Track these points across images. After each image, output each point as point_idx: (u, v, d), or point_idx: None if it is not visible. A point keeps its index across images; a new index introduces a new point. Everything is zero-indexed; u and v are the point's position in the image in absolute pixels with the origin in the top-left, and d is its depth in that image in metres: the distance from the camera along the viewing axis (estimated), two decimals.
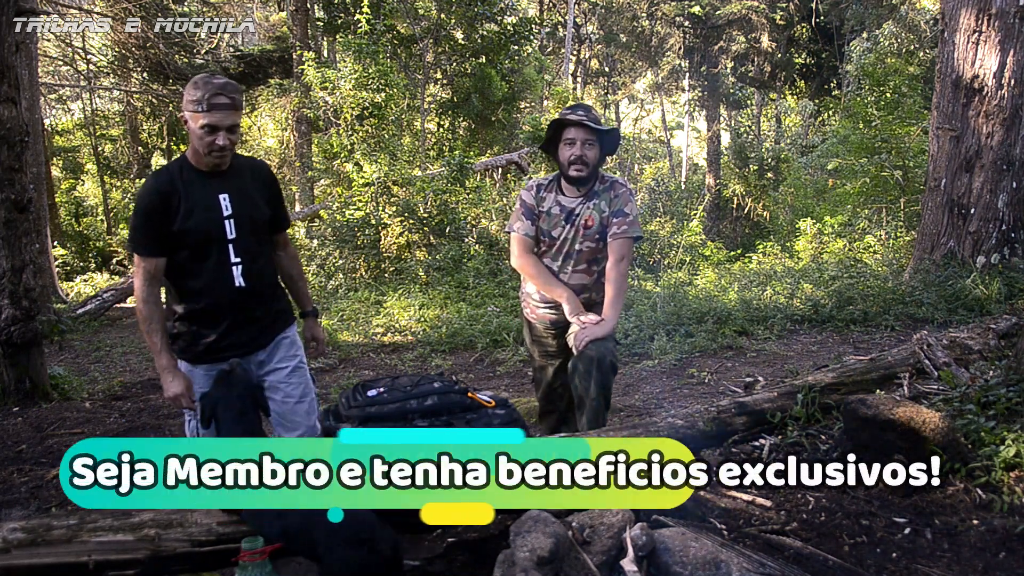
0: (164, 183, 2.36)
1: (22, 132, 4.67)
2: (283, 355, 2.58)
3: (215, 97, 2.26)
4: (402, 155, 11.37)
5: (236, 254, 2.41)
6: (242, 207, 2.42)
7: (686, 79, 26.28)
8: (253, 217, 2.45)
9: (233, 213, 2.40)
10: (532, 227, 2.98)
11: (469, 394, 2.31)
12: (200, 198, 2.37)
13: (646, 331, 5.97)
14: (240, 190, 2.43)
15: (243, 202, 2.43)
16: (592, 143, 2.88)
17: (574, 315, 2.87)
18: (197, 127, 2.28)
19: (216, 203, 2.38)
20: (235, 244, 2.40)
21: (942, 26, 6.52)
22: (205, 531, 1.95)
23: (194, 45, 16.54)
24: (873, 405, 2.46)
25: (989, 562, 2.03)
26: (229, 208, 2.39)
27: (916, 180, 8.69)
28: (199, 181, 2.38)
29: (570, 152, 2.87)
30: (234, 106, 2.30)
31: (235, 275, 2.41)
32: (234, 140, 2.35)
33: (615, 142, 3.02)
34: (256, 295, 2.47)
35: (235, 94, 2.32)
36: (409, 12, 14.99)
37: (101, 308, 10.25)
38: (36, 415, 4.59)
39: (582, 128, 2.86)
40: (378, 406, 2.22)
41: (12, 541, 1.87)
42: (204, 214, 2.36)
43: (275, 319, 2.57)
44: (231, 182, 2.42)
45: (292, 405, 2.55)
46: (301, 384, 2.59)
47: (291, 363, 2.58)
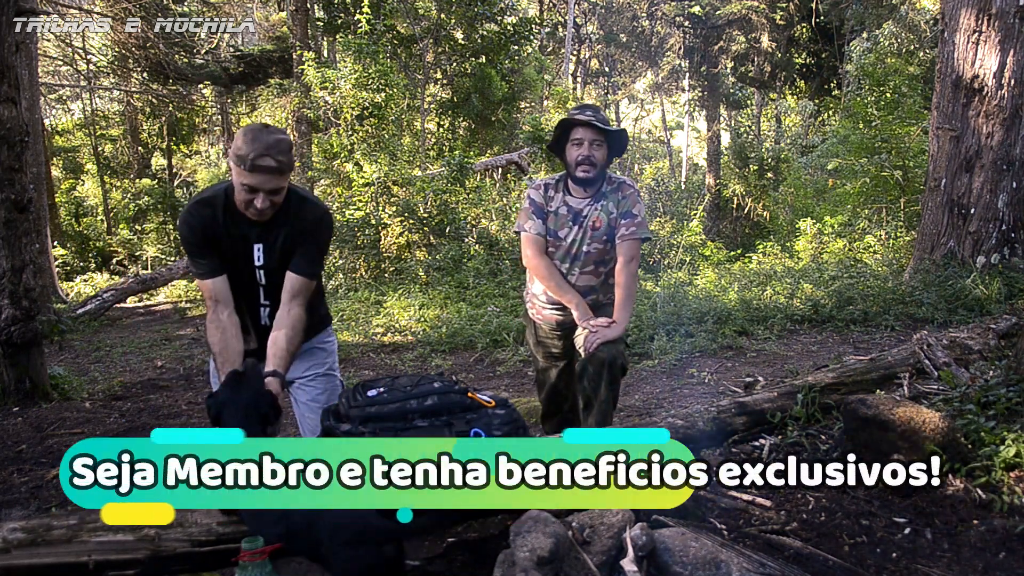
0: (206, 219, 2.29)
1: (22, 132, 4.67)
2: (313, 362, 2.58)
3: (260, 159, 2.13)
4: (402, 155, 11.38)
5: (265, 297, 2.42)
6: (275, 260, 2.36)
7: (686, 79, 26.29)
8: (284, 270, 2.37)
9: (264, 264, 2.36)
10: (543, 226, 2.95)
11: (469, 394, 2.31)
12: (235, 244, 2.32)
13: (646, 331, 5.97)
14: (277, 243, 2.34)
15: (277, 256, 2.35)
16: (600, 144, 2.86)
17: (584, 320, 2.86)
18: (238, 182, 2.18)
19: (249, 251, 2.34)
20: (265, 289, 2.40)
21: (942, 26, 6.52)
22: (205, 531, 1.95)
23: (194, 45, 16.55)
24: (873, 405, 2.46)
25: (989, 562, 2.03)
26: (261, 259, 2.35)
27: (916, 180, 8.69)
28: (238, 225, 2.30)
29: (577, 153, 2.85)
30: (280, 170, 2.17)
31: (262, 315, 2.44)
32: (277, 202, 2.23)
33: (623, 143, 2.99)
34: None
35: (284, 156, 2.17)
36: (409, 12, 14.99)
37: (101, 308, 10.26)
38: (36, 415, 4.59)
39: (590, 128, 2.84)
40: (378, 406, 2.22)
41: (12, 541, 1.87)
42: (236, 260, 2.34)
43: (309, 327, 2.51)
44: (270, 233, 2.33)
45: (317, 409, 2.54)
46: (327, 390, 2.59)
47: (319, 369, 2.59)
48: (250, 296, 2.41)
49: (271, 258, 2.36)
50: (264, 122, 2.27)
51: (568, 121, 2.90)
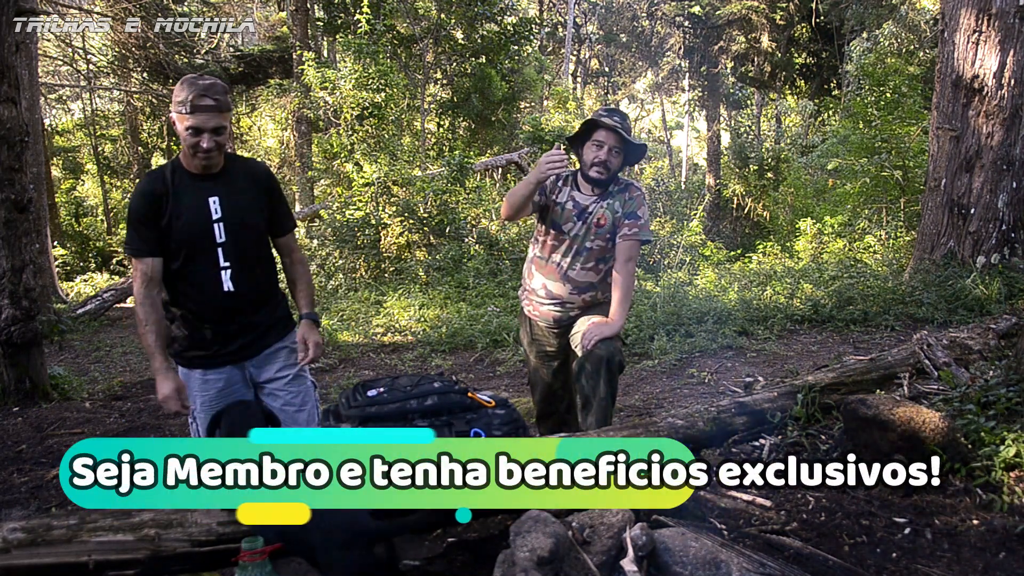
0: (155, 184, 2.33)
1: (22, 132, 4.67)
2: (283, 363, 2.55)
3: (199, 99, 2.22)
4: (402, 155, 11.38)
5: (225, 258, 2.36)
6: (233, 211, 2.36)
7: (686, 79, 26.29)
8: (245, 221, 2.39)
9: (223, 216, 2.35)
10: (541, 196, 2.96)
11: (469, 394, 2.32)
12: (189, 201, 2.33)
13: (646, 331, 5.97)
14: (232, 193, 2.38)
15: (234, 205, 2.37)
16: (619, 151, 2.89)
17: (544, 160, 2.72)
18: (182, 128, 2.26)
19: (205, 206, 2.34)
20: (224, 248, 2.35)
21: (942, 26, 6.52)
22: (205, 531, 1.95)
23: (194, 45, 16.55)
24: (873, 405, 2.46)
25: (989, 562, 2.03)
26: (219, 211, 2.34)
27: (916, 180, 8.69)
28: (190, 183, 2.34)
29: (595, 154, 2.88)
30: (219, 108, 2.25)
31: (223, 279, 2.37)
32: (220, 142, 2.30)
33: (640, 156, 3.04)
34: (247, 300, 2.42)
35: (220, 95, 2.26)
36: (409, 12, 14.99)
37: (101, 308, 10.26)
38: (36, 415, 4.59)
39: (614, 134, 2.86)
40: (378, 406, 2.22)
41: (12, 541, 1.87)
42: (192, 217, 2.32)
43: (272, 326, 2.53)
44: (222, 185, 2.37)
45: (292, 413, 2.53)
46: (301, 392, 2.57)
47: (291, 371, 2.55)
48: (209, 262, 2.36)
49: (230, 208, 2.36)
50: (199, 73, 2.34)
51: (595, 122, 2.91)
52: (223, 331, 2.42)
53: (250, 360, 2.49)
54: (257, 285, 2.46)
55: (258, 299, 2.47)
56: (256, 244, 2.47)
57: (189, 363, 2.45)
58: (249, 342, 2.47)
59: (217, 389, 2.46)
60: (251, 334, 2.47)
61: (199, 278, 2.37)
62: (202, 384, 2.44)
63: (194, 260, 2.36)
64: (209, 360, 2.44)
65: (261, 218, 2.46)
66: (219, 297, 2.38)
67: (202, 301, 2.39)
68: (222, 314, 2.40)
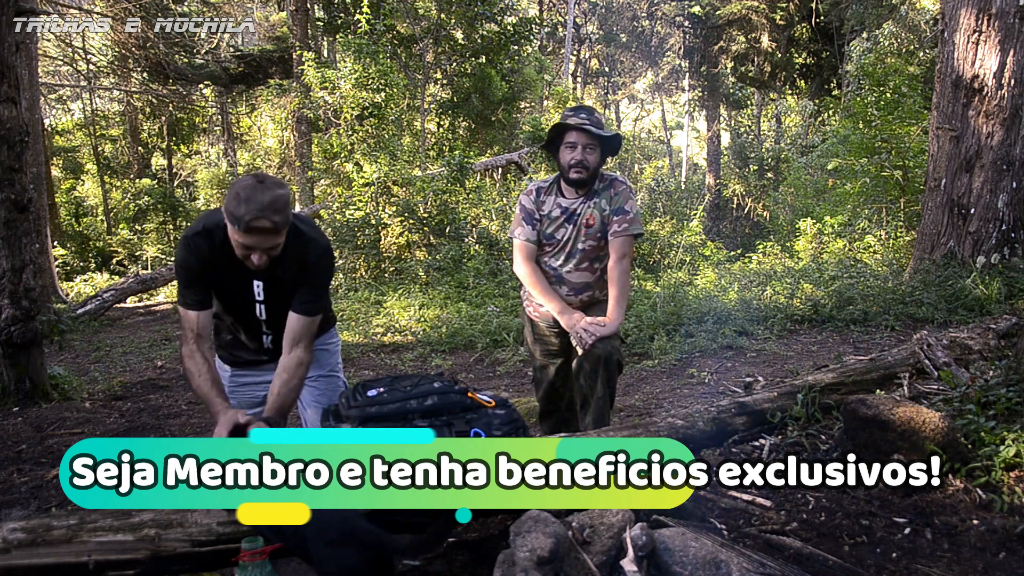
0: (204, 249, 2.23)
1: (22, 132, 4.67)
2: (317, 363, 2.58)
3: (256, 220, 2.04)
4: (402, 155, 11.38)
5: (267, 328, 2.44)
6: (276, 296, 2.34)
7: (686, 79, 26.30)
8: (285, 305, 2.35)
9: (265, 300, 2.35)
10: (533, 232, 2.98)
11: (469, 394, 2.31)
12: (233, 279, 2.29)
13: (646, 331, 5.97)
14: (276, 279, 2.31)
15: (278, 291, 2.33)
16: (593, 147, 2.88)
17: (570, 324, 2.89)
18: (234, 239, 2.13)
19: (248, 287, 2.33)
20: (266, 323, 2.42)
21: (942, 26, 6.52)
22: (205, 531, 1.95)
23: (194, 45, 16.56)
24: (873, 405, 2.46)
25: (989, 562, 2.03)
26: (261, 295, 2.34)
27: (916, 180, 8.68)
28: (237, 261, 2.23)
29: (571, 156, 2.88)
30: (275, 230, 2.09)
31: (264, 341, 2.47)
32: (274, 255, 2.18)
33: (616, 146, 3.02)
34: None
35: (279, 216, 2.07)
36: (409, 12, 14.99)
37: (101, 308, 10.26)
38: (36, 415, 4.59)
39: (583, 132, 2.85)
40: (378, 406, 2.22)
41: (12, 541, 1.87)
42: (235, 295, 2.35)
43: None
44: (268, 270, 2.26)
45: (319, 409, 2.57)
46: (329, 391, 2.62)
47: (322, 370, 2.61)
48: (252, 327, 2.44)
49: (271, 294, 2.35)
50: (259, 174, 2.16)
51: (562, 124, 2.91)
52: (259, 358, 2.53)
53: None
54: None
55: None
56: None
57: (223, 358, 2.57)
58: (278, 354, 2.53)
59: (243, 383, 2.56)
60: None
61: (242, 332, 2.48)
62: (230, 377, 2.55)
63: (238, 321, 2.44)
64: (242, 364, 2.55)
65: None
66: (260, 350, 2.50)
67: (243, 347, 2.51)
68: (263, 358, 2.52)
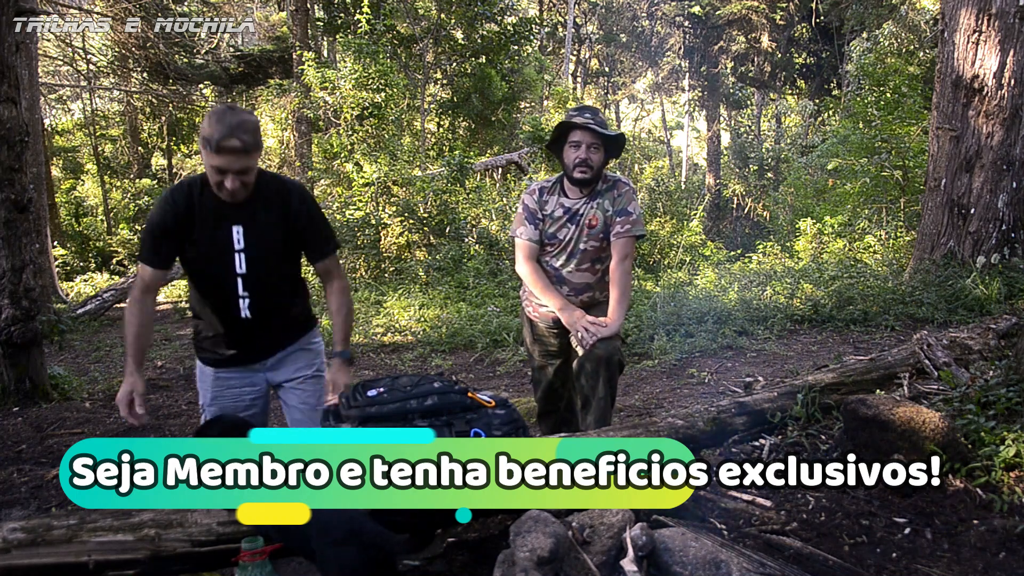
0: (180, 202, 2.26)
1: (22, 132, 4.67)
2: (302, 364, 2.55)
3: (226, 140, 2.11)
4: (402, 155, 11.38)
5: (244, 288, 2.32)
6: (256, 241, 2.30)
7: (686, 79, 26.30)
8: (267, 253, 2.33)
9: (245, 247, 2.29)
10: (535, 231, 2.97)
11: (469, 394, 2.31)
12: (212, 228, 2.27)
13: (646, 331, 5.97)
14: (257, 223, 2.30)
15: (259, 236, 2.30)
16: (597, 147, 2.87)
17: (571, 321, 2.87)
18: (208, 164, 2.17)
19: (228, 235, 2.28)
20: (244, 279, 2.31)
21: (942, 26, 6.52)
22: (205, 531, 1.95)
23: (194, 45, 16.55)
24: (873, 405, 2.46)
25: (989, 562, 2.03)
26: (241, 242, 2.28)
27: (916, 180, 8.69)
28: (215, 209, 2.26)
29: (575, 155, 2.87)
30: (246, 150, 2.15)
31: (241, 307, 2.34)
32: (246, 182, 2.21)
33: (620, 146, 3.01)
34: (262, 326, 2.41)
35: (248, 136, 2.15)
36: (409, 12, 15.00)
37: (101, 308, 10.26)
38: (36, 415, 4.59)
39: (588, 132, 2.85)
40: (378, 406, 2.22)
41: (12, 541, 1.87)
42: (213, 246, 2.28)
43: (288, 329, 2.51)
44: (249, 214, 2.28)
45: (308, 412, 2.54)
46: (316, 392, 2.57)
47: (308, 371, 2.57)
48: (227, 289, 2.32)
49: (253, 238, 2.29)
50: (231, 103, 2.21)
51: (566, 124, 2.90)
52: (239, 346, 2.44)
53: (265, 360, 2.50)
54: (275, 312, 2.43)
55: (274, 324, 2.46)
56: (279, 272, 2.42)
57: (205, 360, 2.48)
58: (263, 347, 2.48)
59: (229, 387, 2.48)
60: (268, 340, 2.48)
61: (216, 303, 2.37)
62: (215, 381, 2.47)
63: (212, 286, 2.35)
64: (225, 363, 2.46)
65: (289, 246, 2.40)
66: (235, 323, 2.37)
67: (219, 322, 2.40)
68: (238, 335, 2.41)
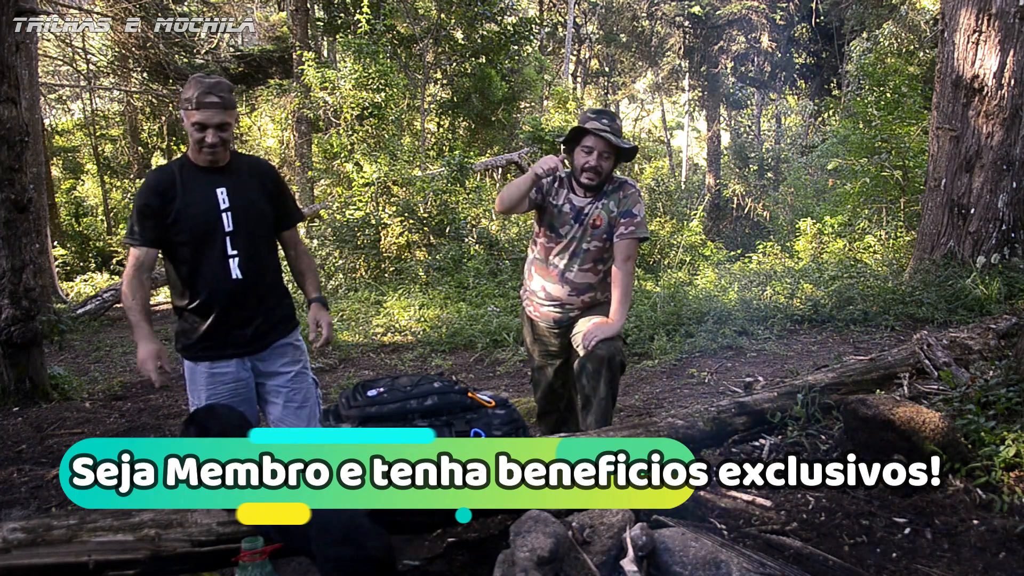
0: (163, 179, 2.44)
1: (22, 132, 4.67)
2: (286, 360, 2.58)
3: (205, 96, 2.33)
4: (402, 155, 11.38)
5: (233, 247, 2.45)
6: (240, 200, 2.47)
7: (686, 79, 26.29)
8: (251, 210, 2.49)
9: (231, 206, 2.45)
10: (538, 195, 2.97)
11: (469, 394, 2.31)
12: (197, 192, 2.43)
13: (646, 331, 5.97)
14: (238, 185, 2.48)
15: (241, 196, 2.47)
16: (609, 155, 2.88)
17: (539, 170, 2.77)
18: (189, 124, 2.38)
19: (213, 196, 2.44)
20: (232, 236, 2.44)
21: (942, 26, 6.52)
22: (205, 531, 1.95)
23: (194, 45, 16.54)
24: (873, 405, 2.46)
25: (989, 562, 2.03)
26: (226, 201, 2.45)
27: (916, 180, 8.69)
28: (198, 176, 2.45)
29: (585, 160, 2.88)
30: (223, 105, 2.36)
31: (232, 267, 2.44)
32: (225, 138, 2.41)
33: (631, 156, 3.03)
34: (253, 290, 2.49)
35: (225, 93, 2.38)
36: (409, 12, 15.00)
37: (101, 308, 10.26)
38: (36, 415, 4.59)
39: (602, 139, 2.85)
40: (378, 406, 2.22)
41: (12, 541, 1.87)
42: (201, 207, 2.42)
43: (276, 323, 2.58)
44: (229, 177, 2.47)
45: (293, 410, 2.56)
46: (302, 390, 2.60)
47: (294, 368, 2.59)
48: (217, 250, 2.44)
49: (237, 198, 2.46)
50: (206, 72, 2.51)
51: (582, 128, 2.91)
52: (229, 320, 2.47)
53: (255, 355, 2.54)
54: (264, 274, 2.54)
55: (264, 288, 2.54)
56: (263, 233, 2.55)
57: (196, 356, 2.50)
58: (254, 335, 2.51)
59: (223, 383, 2.49)
60: (256, 329, 2.51)
61: (208, 267, 2.44)
62: (209, 378, 2.48)
63: (203, 250, 2.44)
64: (216, 352, 2.48)
65: (267, 211, 2.55)
66: (228, 284, 2.45)
67: (210, 290, 2.45)
68: (230, 302, 2.46)
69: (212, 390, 2.48)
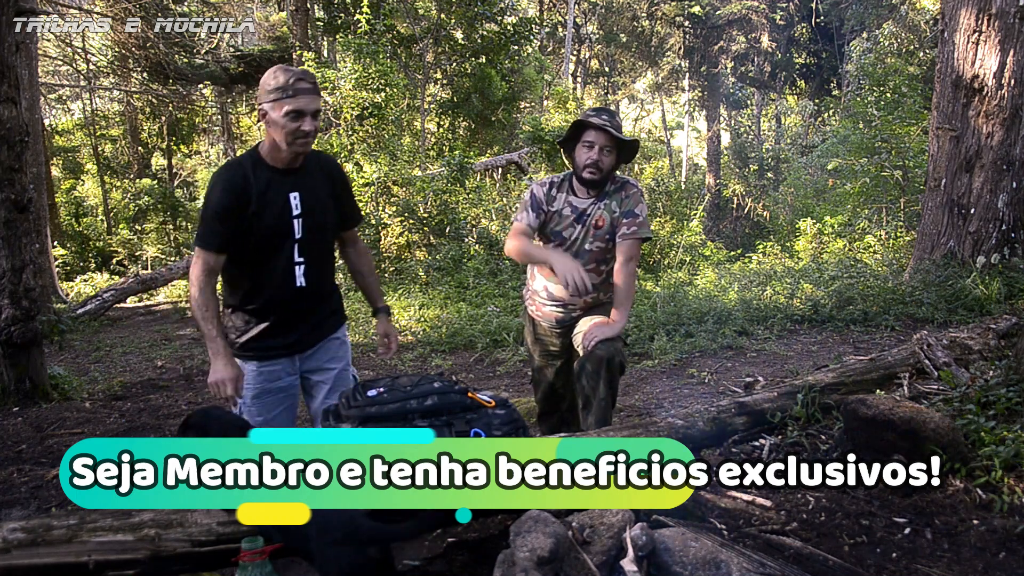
0: (238, 179, 2.33)
1: (22, 132, 4.67)
2: (331, 356, 2.60)
3: (299, 82, 2.25)
4: (402, 155, 11.39)
5: (300, 254, 2.40)
6: (312, 207, 2.40)
7: (686, 79, 26.29)
8: (322, 218, 2.44)
9: (302, 213, 2.38)
10: (536, 219, 2.95)
11: (469, 394, 2.31)
12: (272, 196, 2.35)
13: (646, 331, 5.97)
14: (311, 189, 2.41)
15: (313, 202, 2.41)
16: (610, 149, 2.85)
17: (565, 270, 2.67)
18: (281, 115, 2.25)
19: (287, 202, 2.37)
20: (300, 244, 2.40)
21: (942, 26, 6.52)
22: (205, 531, 1.95)
23: (194, 45, 16.53)
24: (873, 405, 2.46)
25: (989, 562, 2.03)
26: (299, 207, 2.38)
27: (916, 180, 8.69)
28: (271, 178, 2.36)
29: (587, 155, 2.85)
30: (315, 91, 2.30)
31: (297, 274, 2.41)
32: (317, 126, 2.33)
33: (633, 152, 3.00)
34: (314, 296, 2.47)
35: (313, 79, 2.32)
36: (409, 12, 15.00)
37: (101, 308, 10.25)
38: (36, 415, 4.59)
39: (603, 133, 2.83)
40: (378, 406, 2.22)
41: (12, 541, 1.87)
42: (275, 213, 2.35)
43: (325, 320, 2.58)
44: (303, 180, 2.40)
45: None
46: (343, 386, 2.61)
47: (338, 365, 2.62)
48: (285, 257, 2.39)
49: (309, 204, 2.39)
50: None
51: (582, 122, 2.90)
52: (285, 323, 2.45)
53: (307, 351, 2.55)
54: (325, 281, 2.52)
55: (323, 294, 2.53)
56: (329, 239, 2.54)
57: (244, 356, 2.48)
58: (305, 335, 2.52)
59: (268, 379, 2.50)
60: (308, 327, 2.52)
61: (273, 274, 2.40)
62: (256, 375, 2.48)
63: (271, 255, 2.39)
64: (266, 352, 2.47)
65: (335, 214, 2.51)
66: (290, 292, 2.42)
67: (271, 295, 2.42)
68: (289, 308, 2.44)
69: (260, 387, 2.48)
